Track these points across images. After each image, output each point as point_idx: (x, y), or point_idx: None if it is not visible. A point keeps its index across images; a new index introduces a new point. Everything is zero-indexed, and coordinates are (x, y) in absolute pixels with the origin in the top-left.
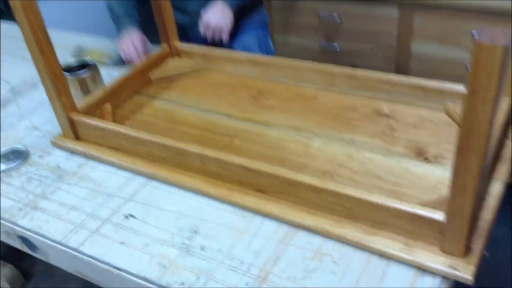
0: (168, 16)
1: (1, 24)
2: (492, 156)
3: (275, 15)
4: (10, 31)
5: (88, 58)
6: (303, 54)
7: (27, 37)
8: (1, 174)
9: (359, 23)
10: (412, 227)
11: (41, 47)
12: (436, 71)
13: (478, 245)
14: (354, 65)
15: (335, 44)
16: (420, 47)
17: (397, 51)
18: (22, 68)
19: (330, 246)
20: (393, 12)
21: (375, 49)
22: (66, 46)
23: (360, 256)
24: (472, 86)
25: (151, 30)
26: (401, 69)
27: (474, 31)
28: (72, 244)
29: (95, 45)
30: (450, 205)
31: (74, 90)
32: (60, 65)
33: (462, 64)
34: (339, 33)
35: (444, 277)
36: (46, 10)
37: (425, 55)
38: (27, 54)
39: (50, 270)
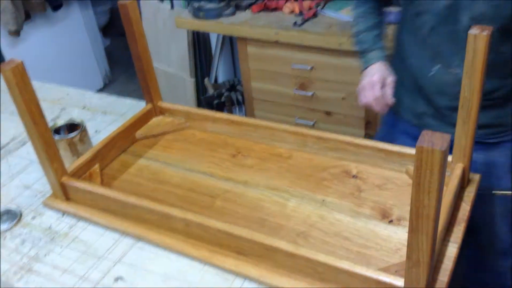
0: (152, 77)
1: None
2: (446, 221)
3: (252, 64)
4: None
5: (75, 118)
6: (279, 99)
7: (21, 111)
8: None
9: (330, 73)
10: None
11: (34, 119)
12: None
13: None
14: (327, 112)
15: (309, 92)
16: None
17: None
18: (11, 124)
19: None
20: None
21: (346, 97)
22: (53, 100)
23: None
24: (417, 180)
25: None
26: (370, 115)
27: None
28: None
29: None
30: (407, 275)
31: (64, 151)
32: (51, 133)
33: None
34: (312, 81)
35: None
36: (32, 63)
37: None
38: (15, 108)
39: None
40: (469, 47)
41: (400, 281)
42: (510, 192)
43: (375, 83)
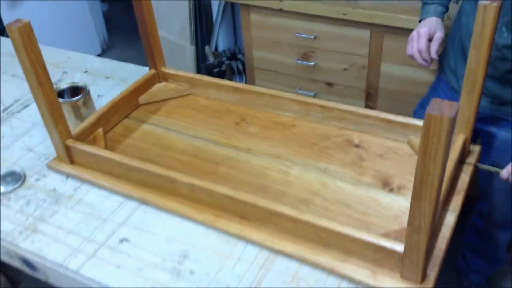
0: (156, 42)
1: None
2: (446, 190)
3: (254, 32)
4: None
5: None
6: (280, 69)
7: (27, 71)
8: (1, 197)
9: (334, 43)
10: (377, 256)
11: (40, 81)
12: (402, 90)
13: (433, 272)
14: (328, 83)
15: (311, 62)
16: (388, 68)
17: (368, 71)
18: (13, 87)
19: (306, 271)
20: (365, 34)
21: (348, 68)
22: (54, 63)
23: (332, 281)
24: (423, 147)
25: None
26: (371, 87)
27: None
28: (72, 267)
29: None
30: (408, 241)
31: (67, 115)
32: (56, 95)
33: (426, 84)
34: (315, 51)
35: None
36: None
37: (393, 75)
38: (17, 71)
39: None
40: (478, 18)
41: (400, 246)
42: (494, 168)
43: (422, 35)
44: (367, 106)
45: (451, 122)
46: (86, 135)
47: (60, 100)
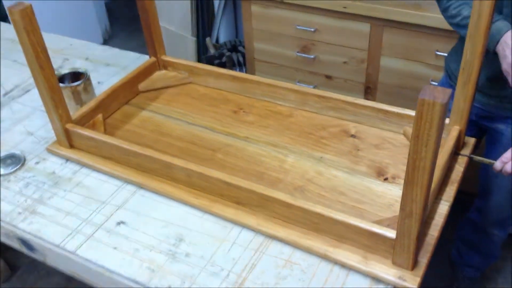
0: (157, 30)
1: None
2: (440, 180)
3: (255, 24)
4: None
5: (80, 67)
6: (280, 61)
7: (28, 54)
8: (1, 179)
9: (333, 37)
10: (369, 242)
11: (41, 64)
12: (402, 85)
13: (424, 259)
14: (327, 76)
15: (311, 55)
16: (388, 62)
17: (367, 65)
18: (14, 72)
19: (299, 255)
20: (365, 27)
21: (347, 62)
22: (56, 50)
23: (324, 266)
24: (416, 132)
25: None
26: (370, 81)
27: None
28: (70, 247)
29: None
30: (399, 226)
31: (68, 99)
32: (57, 79)
33: (425, 78)
34: (315, 44)
35: (395, 286)
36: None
37: (392, 69)
38: (18, 57)
39: (35, 262)
40: (474, 10)
41: (392, 233)
42: (488, 160)
43: None
44: None
45: (443, 107)
46: (85, 120)
47: (61, 84)
